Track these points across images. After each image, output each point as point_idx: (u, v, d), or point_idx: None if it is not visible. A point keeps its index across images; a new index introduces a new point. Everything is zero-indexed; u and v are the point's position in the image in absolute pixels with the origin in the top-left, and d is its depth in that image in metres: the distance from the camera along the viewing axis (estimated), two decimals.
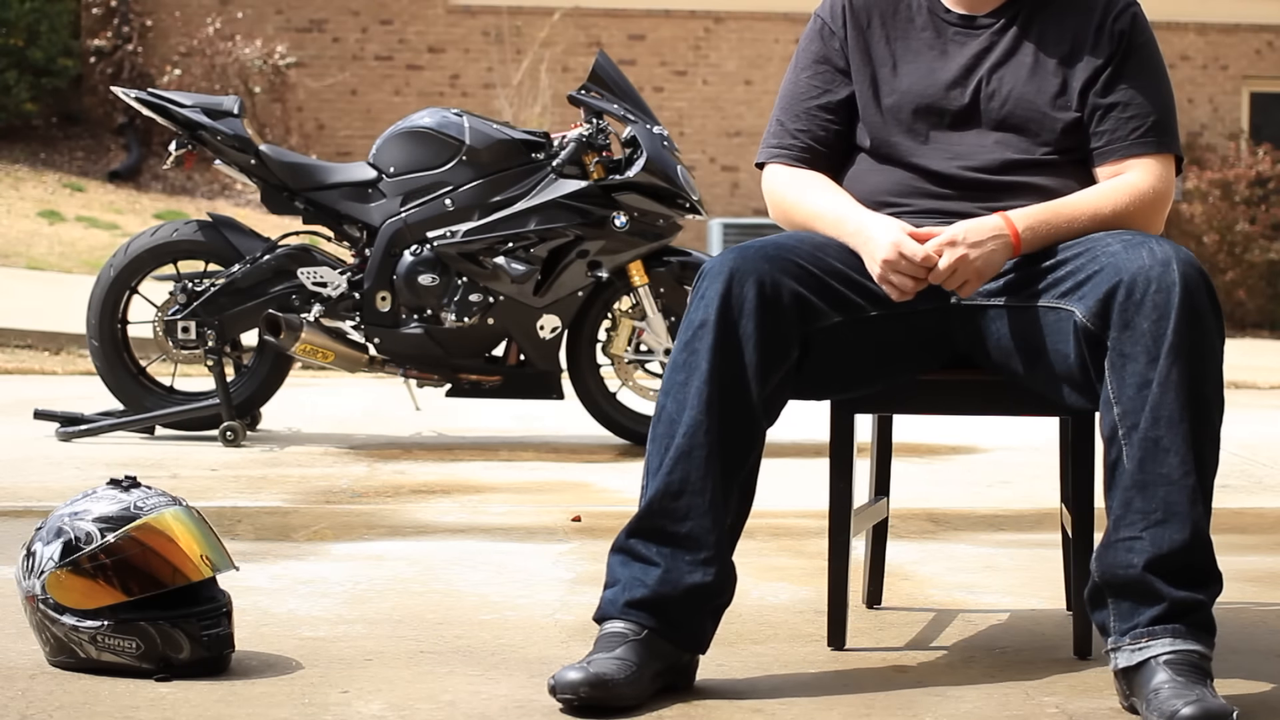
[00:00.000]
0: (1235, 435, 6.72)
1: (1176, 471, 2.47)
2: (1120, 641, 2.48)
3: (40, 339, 9.58)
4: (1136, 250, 2.56)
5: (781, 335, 2.63)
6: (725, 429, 2.59)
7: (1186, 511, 2.47)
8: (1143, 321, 2.50)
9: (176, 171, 15.28)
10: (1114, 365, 2.53)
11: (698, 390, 2.59)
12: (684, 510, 2.58)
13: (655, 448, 2.62)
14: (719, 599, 2.63)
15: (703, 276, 2.65)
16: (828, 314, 2.68)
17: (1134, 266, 2.53)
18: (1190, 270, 2.52)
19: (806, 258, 2.70)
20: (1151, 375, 2.49)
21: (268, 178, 6.07)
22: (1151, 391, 2.48)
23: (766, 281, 2.62)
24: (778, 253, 2.67)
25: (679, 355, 2.62)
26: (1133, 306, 2.51)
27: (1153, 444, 2.48)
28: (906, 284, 2.66)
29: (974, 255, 2.65)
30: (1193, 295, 2.50)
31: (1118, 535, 2.50)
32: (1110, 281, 2.54)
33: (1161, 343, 2.48)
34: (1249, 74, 16.93)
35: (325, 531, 4.15)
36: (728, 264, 2.63)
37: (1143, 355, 2.50)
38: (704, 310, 2.61)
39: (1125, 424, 2.50)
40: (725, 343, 2.59)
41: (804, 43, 2.96)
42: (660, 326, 6.06)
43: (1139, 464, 2.48)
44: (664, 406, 2.62)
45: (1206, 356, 2.51)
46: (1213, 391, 2.51)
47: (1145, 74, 2.82)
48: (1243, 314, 15.24)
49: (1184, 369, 2.48)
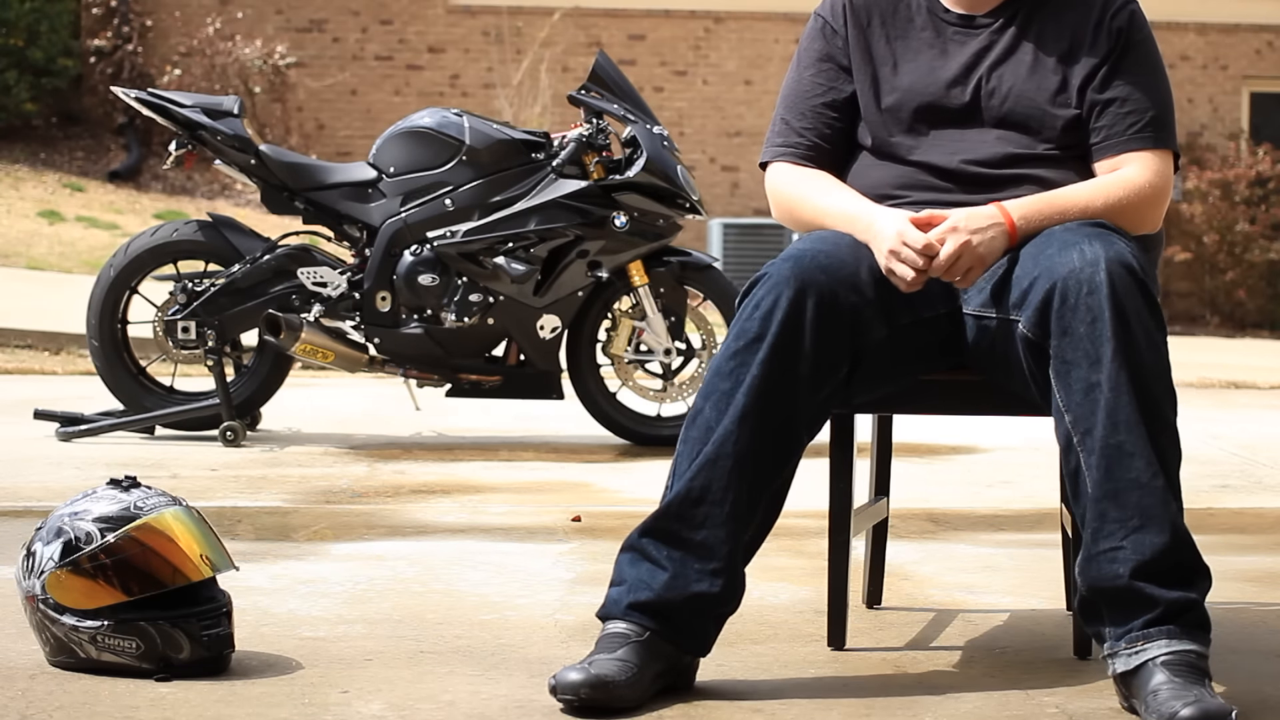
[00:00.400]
0: (1235, 435, 6.72)
1: (1145, 474, 2.46)
2: (1116, 647, 2.47)
3: (40, 339, 9.58)
4: (1068, 252, 2.56)
5: (837, 350, 2.62)
6: (760, 442, 2.58)
7: (1162, 513, 2.46)
8: (1079, 326, 2.50)
9: (176, 171, 15.28)
10: (1058, 373, 2.53)
11: (740, 401, 2.57)
12: (701, 518, 2.57)
13: (686, 449, 2.60)
14: (723, 608, 2.62)
15: (759, 284, 2.63)
16: (878, 327, 2.68)
17: (1064, 270, 2.53)
18: (1117, 268, 2.51)
19: (860, 267, 2.68)
20: (1096, 378, 2.48)
21: (268, 178, 6.07)
22: (1103, 396, 2.47)
23: (826, 295, 2.61)
24: (830, 263, 2.65)
25: (725, 362, 2.60)
26: (1068, 312, 2.51)
27: (1115, 450, 2.47)
28: (909, 272, 2.65)
29: (976, 241, 2.65)
30: (1121, 294, 2.49)
31: (1098, 547, 2.49)
32: (1044, 288, 2.55)
33: (1101, 346, 2.48)
34: (1249, 74, 16.92)
35: (325, 531, 4.15)
36: (789, 275, 2.61)
37: (1084, 360, 2.50)
38: (760, 323, 2.59)
39: (1079, 430, 2.50)
40: (781, 357, 2.58)
41: (806, 41, 2.96)
42: (660, 326, 6.06)
43: (1106, 472, 2.47)
44: (701, 410, 2.60)
45: (1148, 353, 2.50)
46: (1162, 389, 2.51)
47: (1143, 70, 2.83)
48: (1243, 314, 15.24)
49: (1130, 370, 2.47)
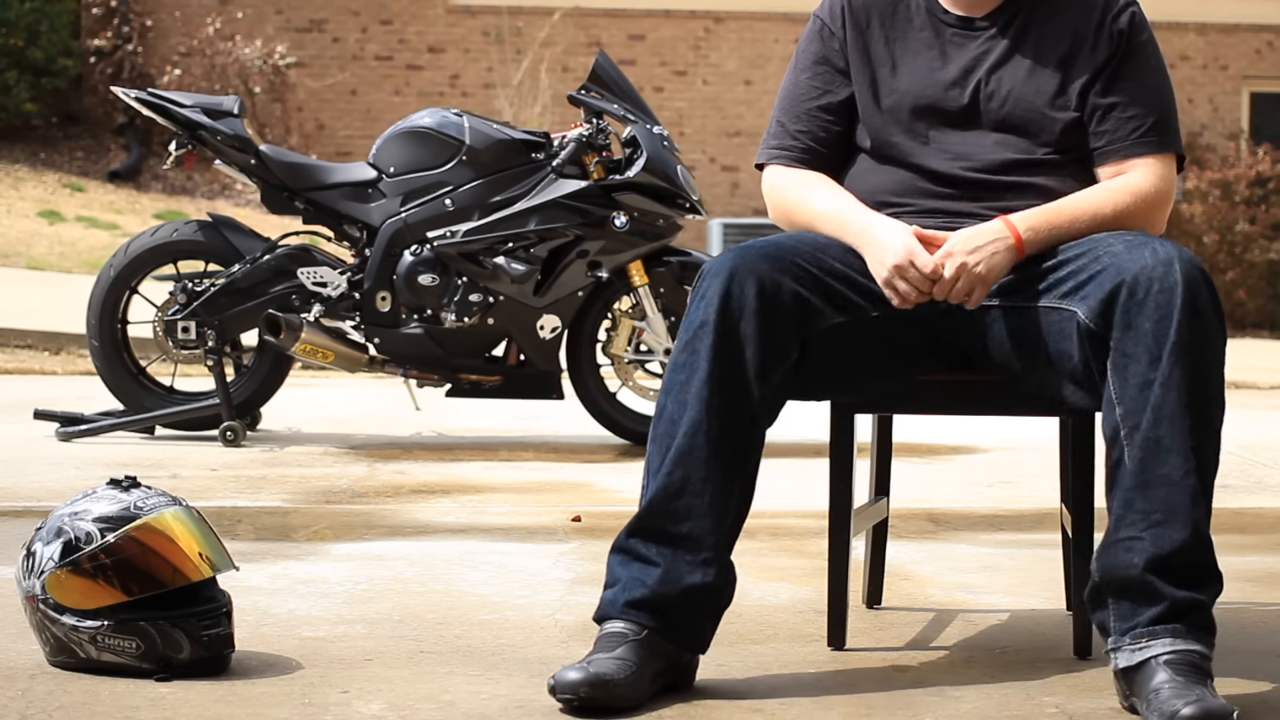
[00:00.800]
0: (1235, 435, 6.72)
1: (1178, 472, 2.47)
2: (1120, 641, 2.48)
3: (40, 339, 9.58)
4: (1139, 250, 2.56)
5: (782, 335, 2.63)
6: (725, 429, 2.59)
7: (1187, 511, 2.46)
8: (1145, 322, 2.50)
9: (176, 171, 15.28)
10: (1116, 366, 2.53)
11: (698, 391, 2.58)
12: (684, 510, 2.58)
13: (656, 448, 2.62)
14: (719, 599, 2.63)
15: (703, 276, 2.65)
16: (828, 314, 2.68)
17: (1136, 267, 2.53)
18: (1193, 270, 2.52)
19: (807, 258, 2.69)
20: (1153, 375, 2.49)
21: (268, 178, 6.07)
22: (1153, 391, 2.48)
23: (767, 281, 2.62)
24: (778, 252, 2.67)
25: (679, 355, 2.62)
26: (1135, 307, 2.51)
27: (1154, 444, 2.48)
28: (911, 293, 2.66)
29: (973, 262, 2.65)
30: (1195, 295, 2.50)
31: (1118, 535, 2.50)
32: (1113, 282, 2.54)
33: (1164, 343, 2.48)
34: (1249, 74, 16.93)
35: (325, 531, 4.15)
36: (728, 264, 2.63)
37: (1145, 355, 2.50)
38: (704, 310, 2.61)
39: (1127, 424, 2.50)
40: (725, 343, 2.59)
41: (803, 43, 2.96)
42: (660, 326, 6.06)
43: (1140, 464, 2.48)
44: (664, 406, 2.62)
45: (1208, 357, 2.51)
46: (1214, 392, 2.52)
47: (1145, 73, 2.82)
48: (1243, 314, 15.24)
49: (1186, 369, 2.48)
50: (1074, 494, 2.86)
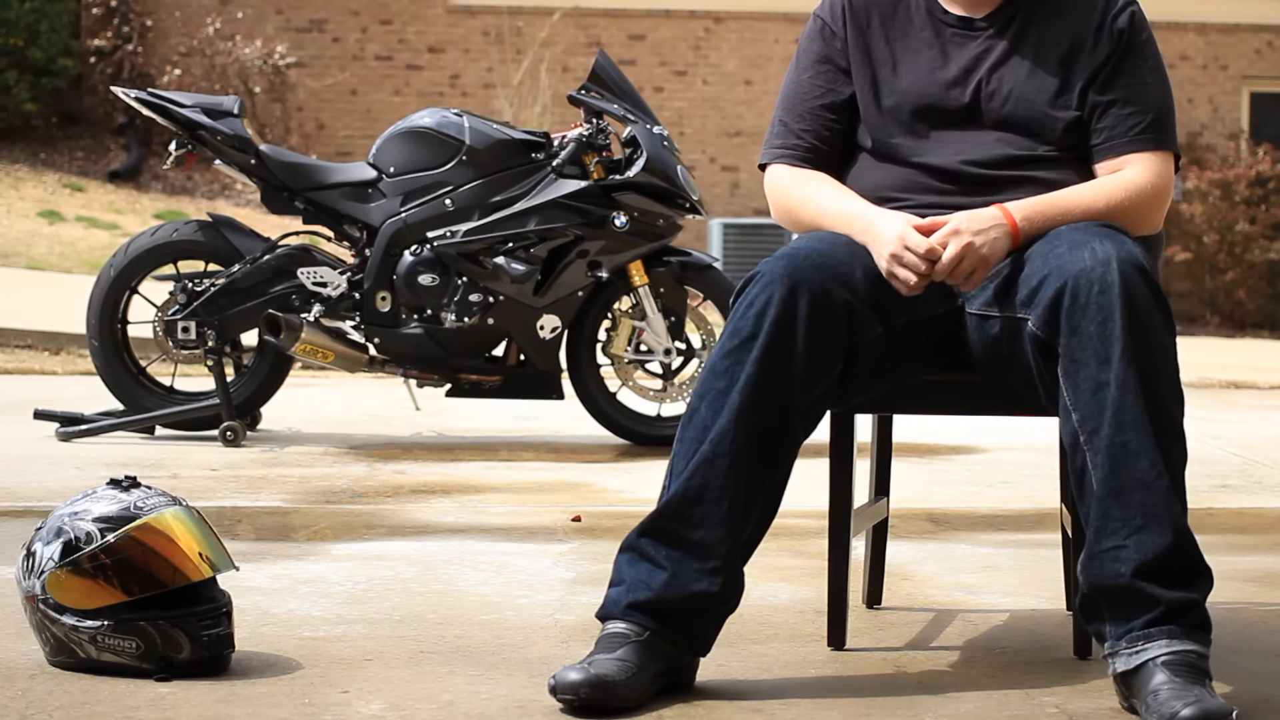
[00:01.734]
0: (1235, 435, 6.72)
1: (1149, 474, 2.46)
2: (1117, 646, 2.47)
3: (40, 339, 9.58)
4: (1079, 251, 2.55)
5: (830, 347, 2.62)
6: (757, 440, 2.57)
7: (1165, 513, 2.46)
8: (1089, 325, 2.50)
9: (176, 171, 15.28)
10: (1067, 371, 2.53)
11: (735, 400, 2.57)
12: (699, 517, 2.57)
13: (682, 449, 2.60)
14: (723, 607, 2.62)
15: (753, 283, 2.62)
16: (873, 324, 2.67)
17: (1075, 269, 2.53)
18: (1129, 268, 2.51)
19: (854, 265, 2.67)
20: (1105, 377, 2.48)
21: (268, 178, 6.07)
22: (1110, 395, 2.47)
23: (818, 292, 2.60)
24: (822, 260, 2.65)
25: (720, 361, 2.60)
26: (1078, 310, 2.51)
27: (1120, 449, 2.47)
28: (911, 278, 2.65)
29: (980, 242, 2.65)
30: (1133, 293, 2.49)
31: (1100, 546, 2.49)
32: (1055, 286, 2.54)
33: (1111, 345, 2.48)
34: (1249, 74, 16.92)
35: (325, 531, 4.15)
36: (780, 273, 2.60)
37: (1093, 359, 2.50)
38: (754, 321, 2.59)
39: (1085, 429, 2.50)
40: (774, 354, 2.57)
41: (805, 43, 2.96)
42: (660, 326, 6.06)
43: (1110, 471, 2.48)
44: (697, 410, 2.60)
45: (1157, 354, 2.50)
46: (1169, 389, 2.51)
47: (1144, 71, 2.83)
48: (1243, 314, 15.24)
49: (1138, 370, 2.47)
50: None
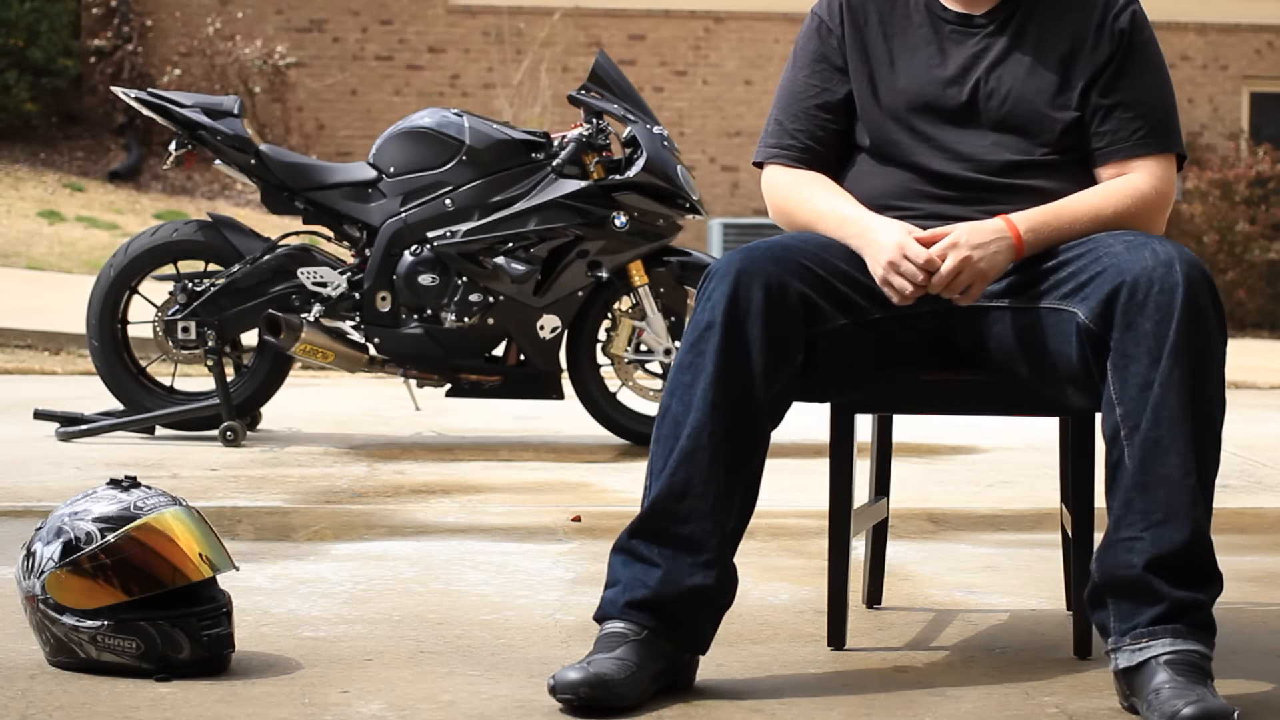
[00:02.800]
0: (1235, 435, 6.72)
1: (1177, 472, 2.47)
2: (1120, 642, 2.48)
3: (40, 339, 9.58)
4: (1139, 251, 2.56)
5: (788, 337, 2.62)
6: (730, 431, 2.58)
7: (1187, 512, 2.46)
8: (1145, 323, 2.50)
9: (176, 171, 15.28)
10: (1116, 366, 2.53)
11: (703, 392, 2.58)
12: (686, 512, 2.57)
13: (659, 448, 2.61)
14: (720, 601, 2.62)
15: (709, 278, 2.64)
16: (833, 316, 2.68)
17: (1137, 268, 2.53)
18: (1193, 271, 2.52)
19: (812, 259, 2.69)
20: (1153, 376, 2.48)
21: (268, 178, 6.07)
22: (1153, 392, 2.48)
23: (773, 283, 2.61)
24: (783, 254, 2.66)
25: (685, 356, 2.61)
26: (1135, 307, 2.51)
27: (1154, 444, 2.47)
28: (907, 287, 2.65)
29: (978, 256, 2.65)
30: (1195, 296, 2.50)
31: (1118, 535, 2.50)
32: (1113, 282, 2.54)
33: (1164, 344, 2.48)
34: (1249, 74, 16.92)
35: (325, 531, 4.15)
36: (734, 265, 2.62)
37: (1145, 356, 2.50)
38: (710, 312, 2.60)
39: (1127, 425, 2.50)
40: (731, 345, 2.59)
41: (801, 41, 2.95)
42: (660, 326, 6.06)
43: (1140, 464, 2.48)
44: (669, 407, 2.61)
45: (1209, 357, 2.51)
46: (1214, 392, 2.51)
47: (1147, 73, 2.82)
48: (1243, 314, 15.24)
49: (1186, 370, 2.48)
50: (1074, 494, 2.86)
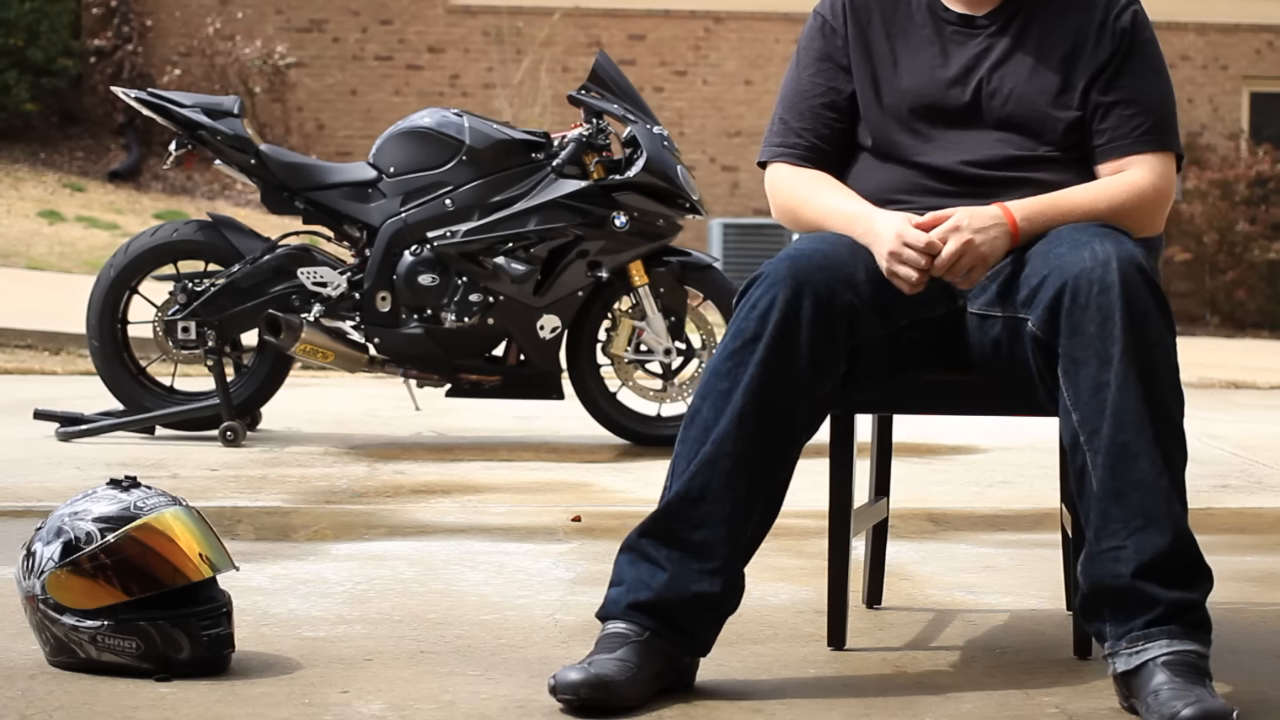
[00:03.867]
0: (1235, 435, 6.72)
1: (1149, 475, 2.46)
2: (1117, 646, 2.47)
3: (40, 339, 9.58)
4: (1079, 251, 2.55)
5: (835, 349, 2.61)
6: (759, 441, 2.57)
7: (1165, 514, 2.46)
8: (1089, 325, 2.50)
9: (176, 171, 15.28)
10: (1067, 372, 2.52)
11: (737, 402, 2.56)
12: (700, 518, 2.56)
13: (684, 449, 2.59)
14: (724, 608, 2.62)
15: (756, 284, 2.62)
16: (876, 325, 2.67)
17: (1075, 269, 2.53)
18: (1129, 268, 2.51)
19: (857, 266, 2.67)
20: (1105, 378, 2.48)
21: (268, 178, 6.07)
22: (1110, 396, 2.47)
23: (823, 294, 2.59)
24: (827, 262, 2.64)
25: (723, 363, 2.59)
26: (1078, 310, 2.51)
27: (1120, 449, 2.47)
28: (912, 275, 2.64)
29: (979, 240, 2.64)
30: (1133, 294, 2.49)
31: (1100, 546, 2.49)
32: (1055, 287, 2.54)
33: (1111, 345, 2.47)
34: (1249, 74, 16.92)
35: (325, 531, 4.15)
36: (785, 274, 2.60)
37: (1094, 359, 2.49)
38: (757, 323, 2.58)
39: (1085, 430, 2.50)
40: (777, 356, 2.57)
41: (805, 40, 2.95)
42: (660, 326, 6.06)
43: (1110, 471, 2.47)
44: (699, 410, 2.59)
45: (1157, 354, 2.50)
46: (1169, 389, 2.51)
47: (1147, 72, 2.82)
48: (1243, 314, 15.24)
49: (1138, 370, 2.47)
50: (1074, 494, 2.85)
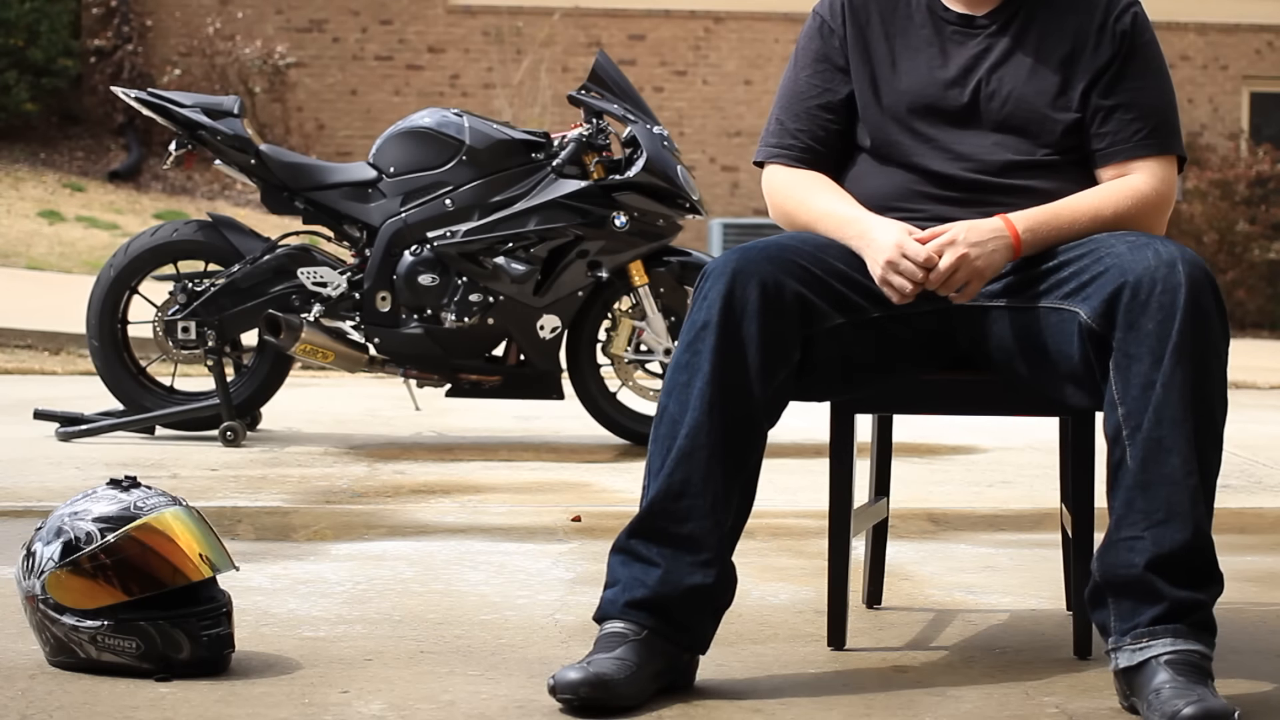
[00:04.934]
0: (1235, 435, 6.71)
1: (1179, 472, 2.47)
2: (1121, 641, 2.48)
3: (40, 339, 9.58)
4: (1142, 251, 2.56)
5: (784, 336, 2.62)
6: (727, 431, 2.58)
7: (1188, 511, 2.46)
8: (1148, 323, 2.50)
9: (176, 171, 15.29)
10: (1119, 366, 2.53)
11: (700, 391, 2.58)
12: (685, 511, 2.58)
13: (657, 448, 2.61)
14: (720, 600, 2.62)
15: (705, 277, 2.65)
16: (830, 315, 2.68)
17: (1139, 268, 2.53)
18: (1196, 271, 2.52)
19: (809, 258, 2.69)
20: (1155, 376, 2.48)
21: (268, 178, 6.07)
22: (1155, 391, 2.48)
23: (769, 282, 2.62)
24: (780, 253, 2.67)
25: (681, 356, 2.62)
26: (1138, 307, 2.51)
27: (1155, 444, 2.47)
28: (906, 286, 2.65)
29: (975, 254, 2.65)
30: (1198, 296, 2.50)
31: (1119, 535, 2.50)
32: (1115, 282, 2.54)
33: (1166, 343, 2.48)
34: (1249, 74, 16.93)
35: (325, 531, 4.15)
36: (730, 265, 2.63)
37: (1147, 356, 2.50)
38: (706, 311, 2.61)
39: (1129, 425, 2.50)
40: (727, 344, 2.59)
41: (803, 41, 2.95)
42: (660, 326, 6.06)
43: (1141, 464, 2.48)
44: (666, 407, 2.62)
45: (1210, 357, 2.51)
46: (1216, 392, 2.51)
47: (1148, 74, 2.82)
48: (1243, 314, 15.24)
49: (1188, 370, 2.48)
50: (1074, 494, 2.86)
